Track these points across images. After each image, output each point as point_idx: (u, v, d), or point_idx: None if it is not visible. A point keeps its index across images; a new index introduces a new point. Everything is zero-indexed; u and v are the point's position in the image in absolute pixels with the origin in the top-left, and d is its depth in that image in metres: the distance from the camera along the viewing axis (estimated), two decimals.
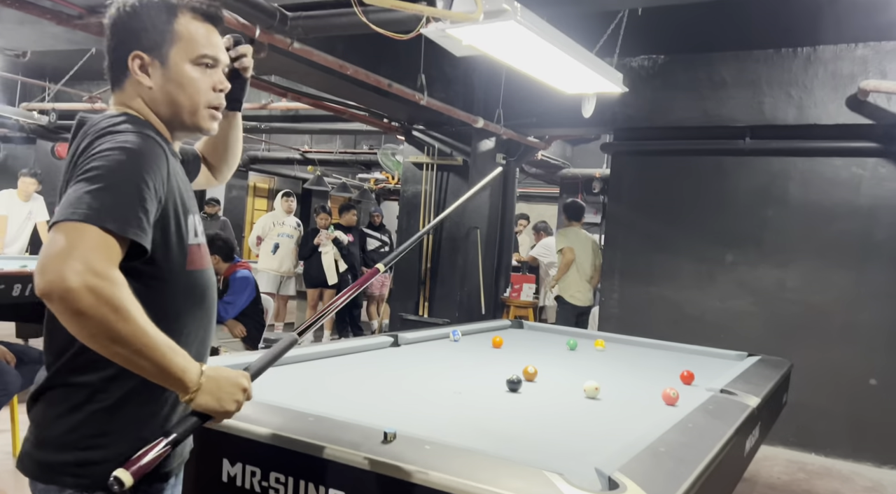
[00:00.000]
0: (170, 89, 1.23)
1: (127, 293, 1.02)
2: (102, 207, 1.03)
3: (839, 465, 4.41)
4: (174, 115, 1.25)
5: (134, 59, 1.21)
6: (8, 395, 3.21)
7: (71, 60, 5.81)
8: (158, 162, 1.14)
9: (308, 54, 3.53)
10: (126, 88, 1.24)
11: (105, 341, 1.01)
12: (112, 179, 1.06)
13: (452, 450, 1.47)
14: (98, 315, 0.99)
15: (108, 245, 1.03)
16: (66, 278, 0.97)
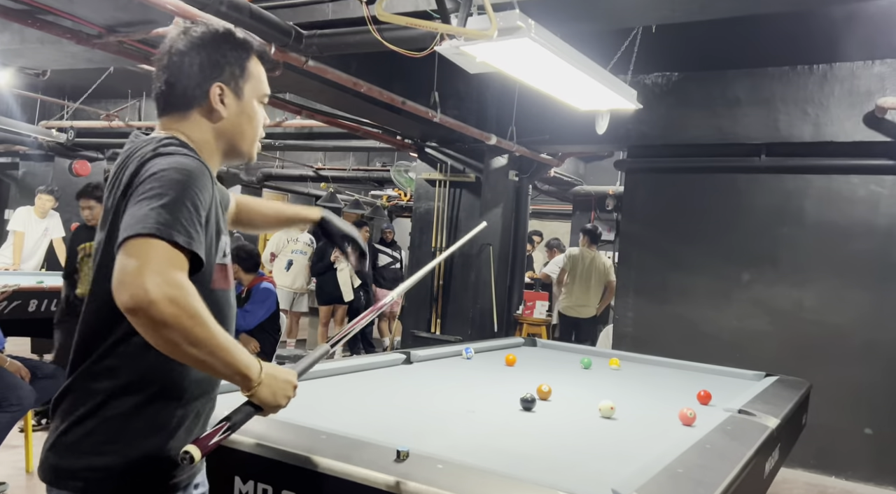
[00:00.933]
0: (241, 121, 1.31)
1: (199, 300, 1.08)
2: (168, 223, 1.09)
3: (860, 489, 4.31)
4: (236, 144, 1.33)
5: (216, 89, 1.27)
6: (23, 410, 3.22)
7: (89, 79, 5.91)
8: (206, 183, 1.19)
9: (322, 72, 3.56)
10: (190, 114, 1.28)
11: (185, 346, 1.07)
12: (172, 197, 1.11)
13: (466, 470, 1.45)
14: (179, 323, 1.04)
15: (178, 257, 1.09)
16: (148, 291, 1.03)
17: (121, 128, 6.70)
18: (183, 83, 1.26)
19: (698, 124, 4.87)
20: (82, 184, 7.85)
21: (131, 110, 6.92)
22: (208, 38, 1.27)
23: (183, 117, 1.28)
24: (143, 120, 6.90)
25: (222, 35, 1.29)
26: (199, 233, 1.14)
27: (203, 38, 1.27)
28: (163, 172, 1.13)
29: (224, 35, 1.29)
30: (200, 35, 1.27)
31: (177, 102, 1.28)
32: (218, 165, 1.34)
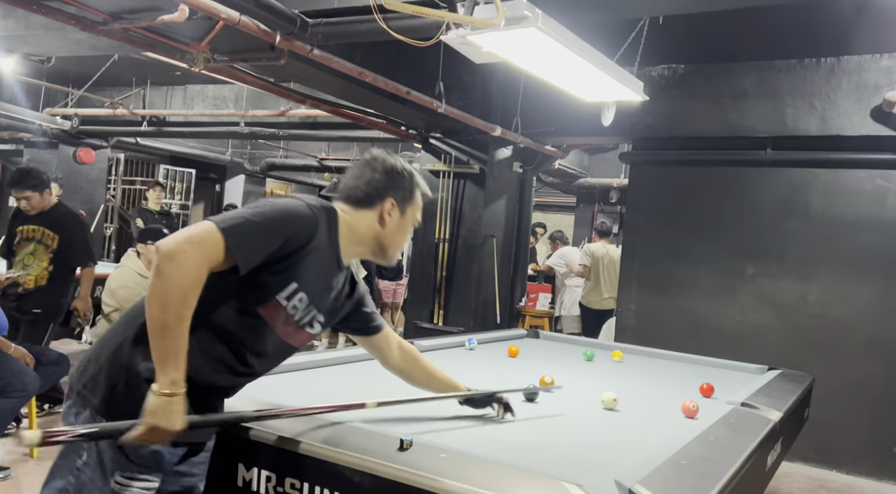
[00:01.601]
0: (395, 232, 1.65)
1: (196, 290, 1.33)
2: (236, 227, 1.37)
3: (861, 483, 4.31)
4: (385, 247, 1.65)
5: (389, 202, 1.61)
6: (27, 396, 3.24)
7: (94, 66, 5.89)
8: (305, 227, 1.46)
9: (327, 61, 3.54)
10: (362, 212, 1.61)
11: (159, 300, 1.31)
12: (258, 217, 1.41)
13: (469, 459, 1.45)
14: (169, 282, 1.30)
15: (219, 249, 1.35)
16: (171, 247, 1.31)
17: (125, 116, 6.69)
18: (369, 187, 1.61)
19: (704, 117, 4.84)
20: (86, 171, 7.91)
21: (135, 98, 6.91)
22: (399, 168, 1.64)
23: (355, 210, 1.61)
24: (147, 108, 6.89)
25: (407, 173, 1.65)
26: (258, 249, 1.39)
27: (396, 166, 1.63)
28: (275, 202, 1.46)
29: (409, 174, 1.65)
30: (393, 166, 1.63)
31: (357, 199, 1.61)
32: (357, 255, 1.66)
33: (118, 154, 9.28)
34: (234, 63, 3.74)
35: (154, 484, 1.46)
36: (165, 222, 6.86)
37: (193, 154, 9.57)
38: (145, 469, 1.44)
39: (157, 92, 7.00)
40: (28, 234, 4.13)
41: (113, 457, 1.41)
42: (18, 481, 3.18)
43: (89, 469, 1.42)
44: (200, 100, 6.85)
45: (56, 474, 1.45)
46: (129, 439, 1.31)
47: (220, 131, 6.88)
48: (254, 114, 6.28)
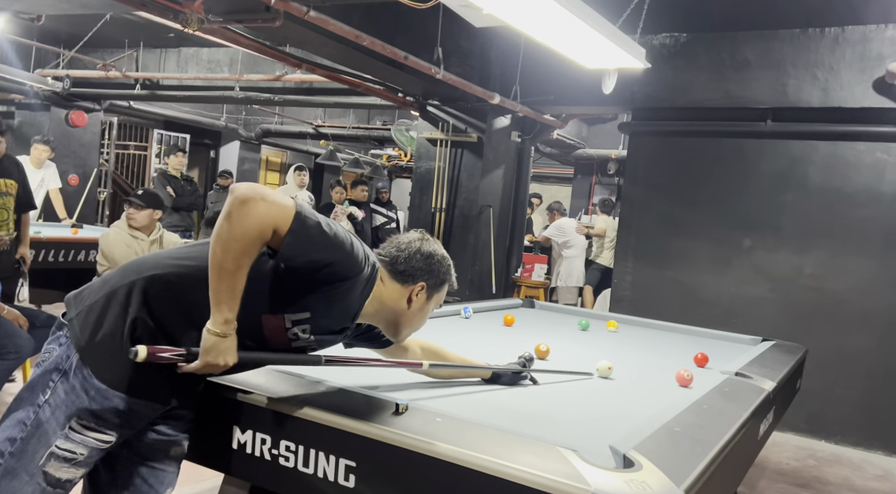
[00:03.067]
0: (416, 314, 1.68)
1: (258, 242, 1.36)
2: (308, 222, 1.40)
3: (850, 453, 4.38)
4: (403, 326, 1.69)
5: (421, 285, 1.65)
6: (21, 358, 3.22)
7: (85, 26, 5.78)
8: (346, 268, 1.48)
9: (324, 23, 3.47)
10: (394, 285, 1.64)
11: (221, 244, 1.35)
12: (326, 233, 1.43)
13: (464, 424, 1.45)
14: (234, 226, 1.34)
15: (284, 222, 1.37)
16: (248, 195, 1.34)
17: (118, 78, 6.58)
18: (408, 265, 1.64)
19: (705, 87, 4.78)
20: (79, 135, 7.81)
21: (128, 60, 6.79)
22: (438, 259, 1.69)
23: (390, 280, 1.64)
24: (141, 71, 6.78)
25: (445, 263, 1.71)
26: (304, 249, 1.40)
27: (436, 253, 1.69)
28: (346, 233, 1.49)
29: (446, 264, 1.71)
30: (436, 250, 1.69)
31: (396, 273, 1.64)
32: (372, 322, 1.69)
33: (111, 118, 9.15)
34: (229, 24, 3.67)
35: (110, 439, 1.45)
36: (191, 188, 6.80)
37: (187, 119, 9.45)
38: (106, 422, 1.43)
39: (150, 54, 6.87)
40: (3, 189, 3.99)
41: (76, 402, 1.41)
42: None
43: (49, 409, 1.41)
44: (195, 63, 6.73)
45: (18, 405, 1.45)
46: (185, 370, 1.39)
47: (214, 95, 6.79)
48: (249, 79, 6.19)
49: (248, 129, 10.34)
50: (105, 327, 1.44)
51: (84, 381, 1.41)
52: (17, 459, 1.41)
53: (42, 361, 1.47)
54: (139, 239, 4.07)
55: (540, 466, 1.26)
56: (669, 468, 1.32)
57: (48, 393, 1.42)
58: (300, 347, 1.56)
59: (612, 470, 1.29)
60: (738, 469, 2.02)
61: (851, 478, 3.91)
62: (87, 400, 1.41)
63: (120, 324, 1.43)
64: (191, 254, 1.53)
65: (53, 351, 1.46)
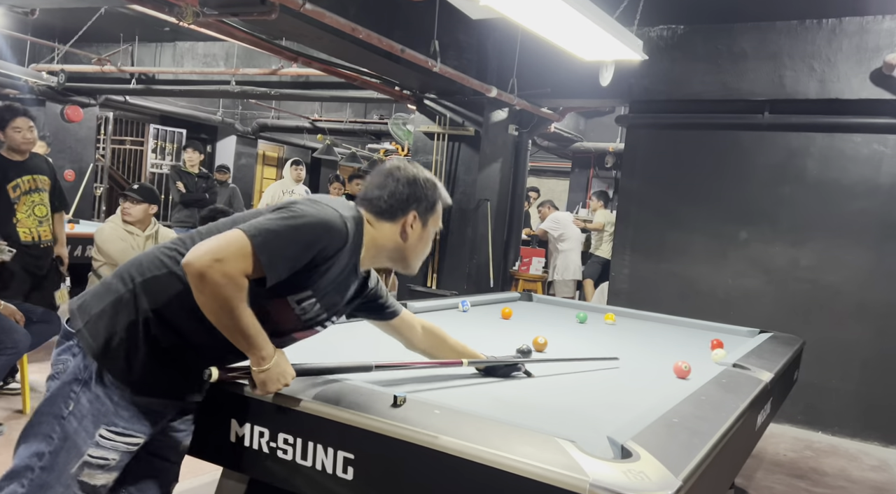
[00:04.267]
0: (417, 244, 1.65)
1: (240, 293, 1.36)
2: (269, 244, 1.37)
3: (846, 444, 4.39)
4: (407, 259, 1.66)
5: (412, 215, 1.61)
6: (18, 353, 3.23)
7: (80, 20, 5.74)
8: (334, 242, 1.45)
9: (320, 16, 3.45)
10: (384, 223, 1.60)
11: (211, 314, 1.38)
12: (293, 234, 1.40)
13: (462, 415, 1.45)
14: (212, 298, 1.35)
15: (249, 262, 1.36)
16: (203, 265, 1.32)
17: (113, 72, 6.55)
18: (393, 203, 1.59)
19: (703, 79, 4.78)
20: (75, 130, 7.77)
21: (123, 55, 6.75)
22: (421, 181, 1.62)
23: (378, 220, 1.60)
24: (136, 65, 6.74)
25: (430, 184, 1.64)
26: (286, 269, 1.40)
27: (417, 179, 1.62)
28: (311, 216, 1.42)
29: (431, 184, 1.64)
30: (416, 176, 1.62)
31: (381, 211, 1.59)
32: (376, 264, 1.68)
33: (107, 113, 9.12)
34: (224, 17, 3.64)
35: (139, 440, 1.46)
36: (205, 185, 6.77)
37: (183, 113, 9.42)
38: (134, 425, 1.44)
39: (145, 49, 6.84)
40: (28, 186, 3.86)
41: (102, 410, 1.41)
42: (11, 438, 3.19)
43: (75, 420, 1.41)
44: (190, 57, 6.70)
45: (40, 419, 1.44)
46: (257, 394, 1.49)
47: (210, 90, 6.76)
48: (244, 73, 6.16)
49: (244, 124, 10.30)
50: (119, 332, 1.43)
51: (107, 388, 1.42)
52: (48, 472, 1.40)
53: (57, 374, 1.46)
54: (134, 234, 4.06)
55: (538, 457, 1.26)
56: (667, 458, 1.32)
57: (71, 405, 1.41)
58: (311, 319, 1.56)
59: (610, 461, 1.29)
60: (736, 460, 2.02)
61: (848, 469, 3.93)
62: (112, 407, 1.41)
63: (132, 328, 1.43)
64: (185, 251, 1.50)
65: (68, 363, 1.45)
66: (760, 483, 3.53)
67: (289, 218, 1.41)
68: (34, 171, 3.90)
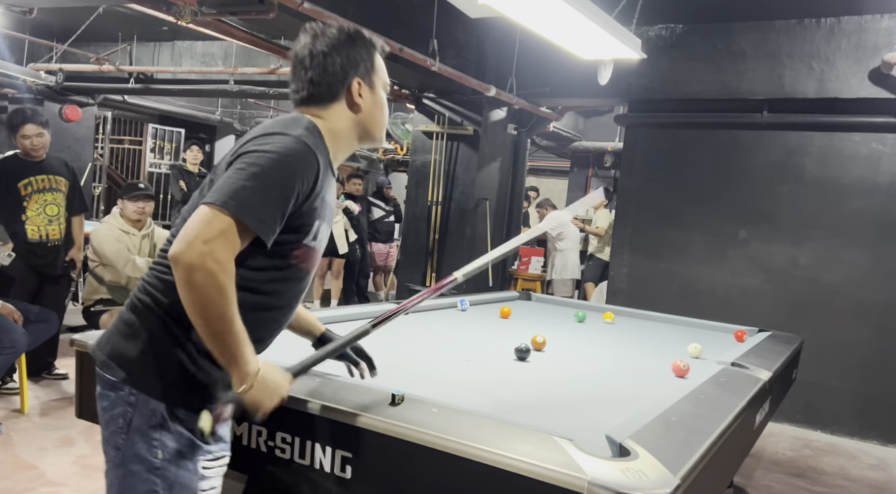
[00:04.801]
0: (375, 110, 1.45)
1: (232, 283, 1.20)
2: (246, 202, 1.21)
3: (845, 443, 4.40)
4: (371, 130, 1.46)
5: (355, 82, 1.40)
6: (16, 353, 3.23)
7: (78, 20, 5.73)
8: (308, 169, 1.28)
9: (318, 15, 3.45)
10: (331, 106, 1.40)
11: (201, 312, 1.20)
12: (263, 180, 1.23)
13: (461, 414, 1.45)
14: (204, 292, 1.18)
15: (236, 233, 1.20)
16: (192, 256, 1.17)
17: (111, 72, 6.54)
18: (328, 80, 1.38)
19: (701, 78, 4.78)
20: (73, 129, 7.76)
21: (122, 54, 6.74)
22: (344, 38, 1.39)
23: (324, 109, 1.40)
24: (134, 65, 6.73)
25: (354, 35, 1.41)
26: (278, 219, 1.25)
27: (339, 39, 1.39)
28: (269, 153, 1.24)
29: (356, 35, 1.41)
30: (337, 36, 1.39)
31: (320, 97, 1.39)
32: (349, 152, 1.47)
33: (105, 112, 9.10)
34: (223, 16, 3.64)
35: (229, 455, 1.40)
36: None
37: (182, 113, 9.41)
38: (221, 446, 1.37)
39: (144, 48, 6.83)
40: (41, 185, 3.87)
41: (191, 444, 1.32)
42: (10, 437, 3.19)
43: (172, 466, 1.30)
44: (189, 56, 6.70)
45: (132, 478, 1.31)
46: (257, 419, 1.32)
47: (208, 89, 6.74)
48: (243, 72, 6.15)
49: (243, 123, 10.29)
50: (171, 367, 1.30)
51: (184, 421, 1.31)
52: None
53: (121, 428, 1.32)
54: (131, 233, 4.06)
55: (536, 455, 1.26)
56: (665, 457, 1.32)
57: (159, 452, 1.30)
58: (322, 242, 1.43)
59: (609, 459, 1.29)
60: (734, 459, 2.02)
61: (847, 468, 3.93)
62: (198, 438, 1.33)
63: (181, 356, 1.31)
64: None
65: (128, 414, 1.31)
66: (759, 482, 3.53)
67: (249, 166, 1.23)
68: (50, 172, 3.95)
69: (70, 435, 3.25)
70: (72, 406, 1.93)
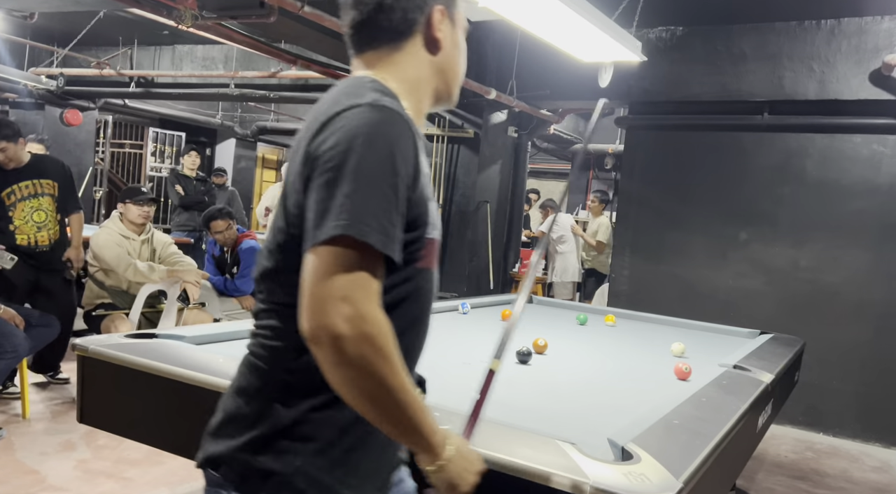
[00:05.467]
0: (455, 54, 1.10)
1: (393, 340, 0.90)
2: (359, 217, 0.87)
3: (847, 445, 4.39)
4: (450, 83, 1.12)
5: (439, 13, 1.05)
6: (17, 357, 3.22)
7: (79, 24, 5.74)
8: (409, 146, 0.94)
9: (319, 19, 3.46)
10: (404, 46, 1.05)
11: (369, 393, 0.89)
12: (362, 181, 0.89)
13: (462, 418, 1.44)
14: (366, 366, 0.87)
15: (371, 269, 0.89)
16: (336, 324, 0.86)
17: (112, 76, 6.55)
18: (402, 4, 1.03)
19: (702, 80, 4.78)
20: (74, 134, 7.77)
21: (123, 58, 6.76)
22: None
23: (394, 49, 1.05)
24: (135, 69, 6.75)
25: None
26: (398, 224, 0.92)
27: None
28: (350, 140, 0.90)
29: None
30: None
31: (391, 29, 1.04)
32: (427, 110, 1.12)
33: (106, 116, 9.12)
34: (223, 21, 3.65)
35: None
36: (204, 189, 6.77)
37: (183, 117, 9.42)
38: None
39: (144, 52, 6.84)
40: (25, 192, 3.84)
41: None
42: (11, 442, 3.19)
43: None
44: (189, 60, 6.71)
45: None
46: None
47: (209, 93, 6.76)
48: (244, 76, 6.16)
49: (243, 127, 10.30)
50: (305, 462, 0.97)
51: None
52: None
53: None
54: (130, 238, 4.06)
55: (539, 459, 1.25)
56: (668, 460, 1.32)
57: None
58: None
59: (611, 463, 1.28)
60: (737, 462, 2.02)
61: (849, 470, 3.92)
62: None
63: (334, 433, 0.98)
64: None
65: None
66: (762, 485, 3.52)
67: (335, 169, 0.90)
68: (35, 176, 3.88)
69: (72, 440, 3.25)
70: (73, 410, 1.93)
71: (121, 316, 3.88)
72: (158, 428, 1.77)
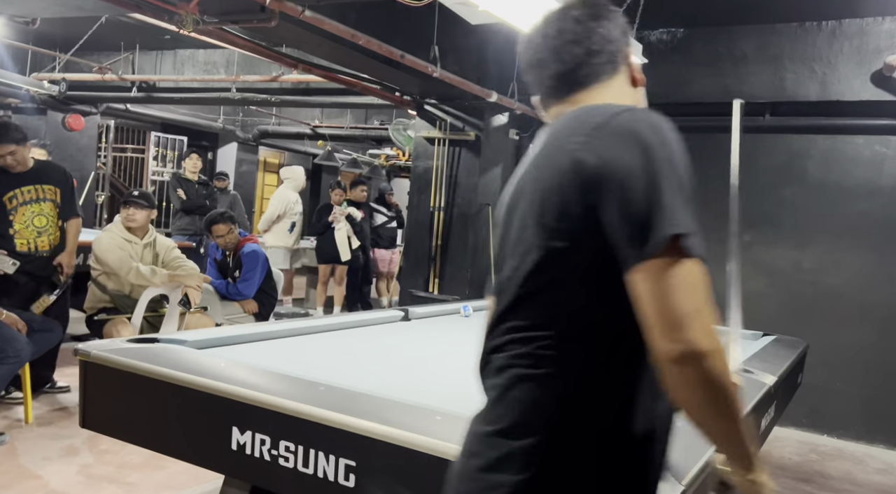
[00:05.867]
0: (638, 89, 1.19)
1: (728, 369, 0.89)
2: (688, 225, 0.91)
3: (851, 447, 4.37)
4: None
5: (627, 51, 1.15)
6: (20, 362, 3.23)
7: (81, 29, 5.77)
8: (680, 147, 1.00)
9: (320, 23, 3.46)
10: (610, 84, 1.13)
11: (723, 404, 0.88)
12: (684, 180, 0.94)
13: (464, 421, 1.44)
14: (724, 378, 0.86)
15: (704, 273, 0.89)
16: (698, 340, 0.84)
17: (114, 81, 6.57)
18: (609, 48, 1.12)
19: (703, 82, 4.78)
20: (76, 139, 7.79)
21: (124, 63, 6.78)
22: (601, 3, 1.15)
23: (605, 87, 1.12)
24: (137, 73, 6.77)
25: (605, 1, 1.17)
26: (695, 219, 0.95)
27: (598, 4, 1.14)
28: (649, 135, 0.95)
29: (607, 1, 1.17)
30: (594, 2, 1.14)
31: (601, 71, 1.12)
32: None
33: (108, 121, 9.15)
34: (224, 25, 3.66)
35: None
36: (205, 192, 6.78)
37: (184, 121, 9.45)
38: None
39: (146, 57, 6.86)
40: (27, 197, 3.83)
41: None
42: (14, 447, 3.19)
43: None
44: (191, 65, 6.73)
45: None
46: None
47: (211, 97, 6.78)
48: (245, 80, 6.18)
49: (245, 131, 10.33)
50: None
51: None
52: None
53: None
54: (132, 242, 4.06)
55: None
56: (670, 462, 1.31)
57: None
58: None
59: None
60: None
61: (853, 472, 3.91)
62: None
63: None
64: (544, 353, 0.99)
65: None
66: None
67: (659, 160, 0.93)
68: (38, 181, 3.87)
69: (74, 445, 3.25)
70: (75, 415, 1.93)
71: (123, 320, 3.88)
72: (161, 433, 1.77)
